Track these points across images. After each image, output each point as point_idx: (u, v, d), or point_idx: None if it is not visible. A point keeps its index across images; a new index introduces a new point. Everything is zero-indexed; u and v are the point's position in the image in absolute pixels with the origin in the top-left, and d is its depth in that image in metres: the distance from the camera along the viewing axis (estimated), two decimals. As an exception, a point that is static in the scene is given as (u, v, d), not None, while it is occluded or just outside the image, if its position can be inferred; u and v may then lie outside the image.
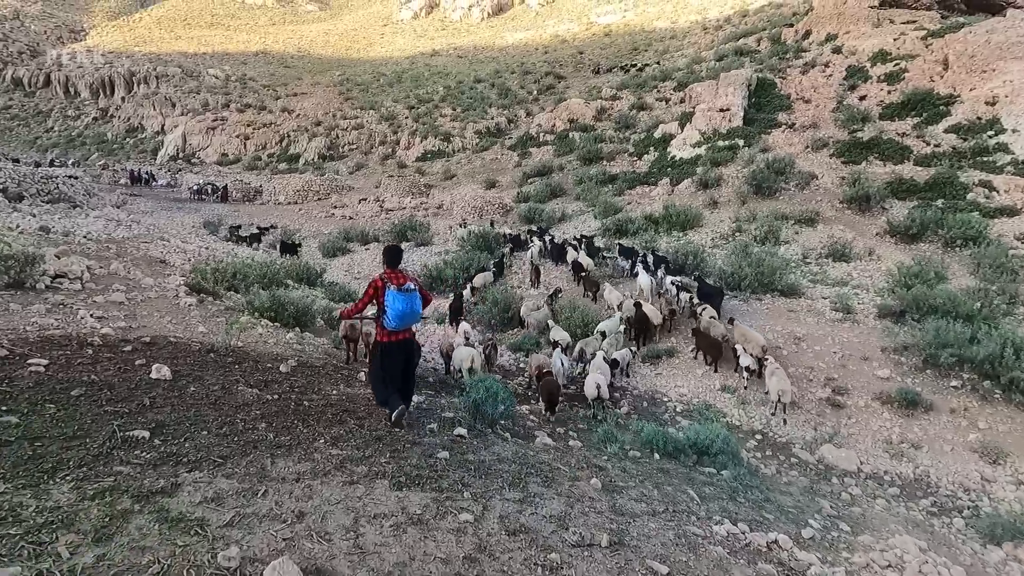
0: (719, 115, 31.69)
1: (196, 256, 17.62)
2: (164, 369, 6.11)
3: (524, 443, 6.64)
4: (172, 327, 8.45)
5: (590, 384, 10.30)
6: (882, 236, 20.05)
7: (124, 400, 5.29)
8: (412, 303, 5.73)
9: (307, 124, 57.32)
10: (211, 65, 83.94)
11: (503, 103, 54.66)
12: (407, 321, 5.83)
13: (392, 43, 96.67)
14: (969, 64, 26.20)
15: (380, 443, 5.44)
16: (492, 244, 21.32)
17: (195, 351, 7.27)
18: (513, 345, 13.83)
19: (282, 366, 7.46)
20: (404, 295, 5.67)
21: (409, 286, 5.75)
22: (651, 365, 12.62)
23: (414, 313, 5.80)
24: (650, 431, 7.80)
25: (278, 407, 5.91)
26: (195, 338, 8.03)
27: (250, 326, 9.77)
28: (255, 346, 8.46)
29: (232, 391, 6.08)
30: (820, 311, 14.59)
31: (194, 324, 8.96)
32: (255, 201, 39.22)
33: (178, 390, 5.81)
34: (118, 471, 3.94)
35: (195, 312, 9.73)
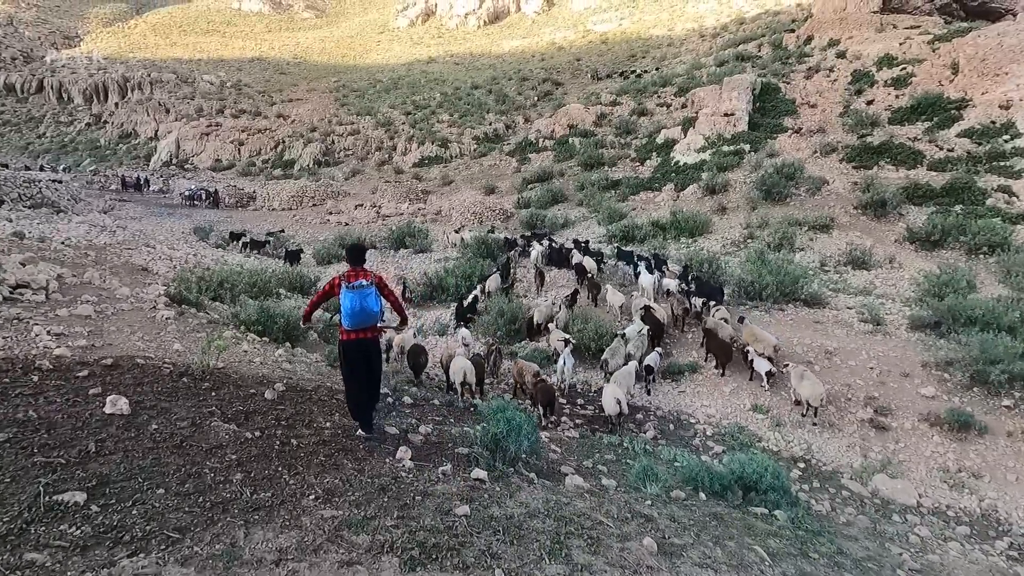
0: (723, 120, 30.83)
1: (183, 263, 16.49)
2: (121, 402, 5.00)
3: (553, 486, 5.56)
4: (142, 345, 7.34)
5: (609, 400, 9.36)
6: (901, 243, 19.14)
7: (64, 446, 4.19)
8: (362, 300, 5.44)
9: (302, 130, 56.17)
10: (206, 71, 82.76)
11: (501, 109, 53.76)
12: (359, 319, 5.52)
13: (388, 50, 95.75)
14: (980, 68, 25.44)
15: (384, 495, 4.36)
16: (494, 250, 20.25)
17: (165, 376, 6.16)
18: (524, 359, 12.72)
19: (267, 392, 6.36)
20: (352, 292, 5.42)
21: (361, 283, 5.47)
22: (673, 382, 11.57)
23: (365, 311, 5.49)
24: (691, 466, 6.73)
25: (259, 448, 4.81)
26: (168, 358, 6.92)
27: (234, 342, 8.66)
28: (238, 367, 7.35)
29: (204, 428, 4.98)
30: (848, 322, 13.61)
31: (169, 341, 7.84)
32: (248, 207, 38.08)
33: (136, 429, 4.71)
34: (29, 561, 2.84)
35: (172, 327, 8.62)
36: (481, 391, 10.61)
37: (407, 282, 17.93)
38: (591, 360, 12.49)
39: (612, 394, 9.37)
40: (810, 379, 10.06)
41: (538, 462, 6.42)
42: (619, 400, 9.40)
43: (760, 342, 11.48)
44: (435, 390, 9.97)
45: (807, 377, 10.12)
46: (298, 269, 18.63)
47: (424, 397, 8.60)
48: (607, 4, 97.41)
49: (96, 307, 8.76)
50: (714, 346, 11.86)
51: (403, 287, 17.46)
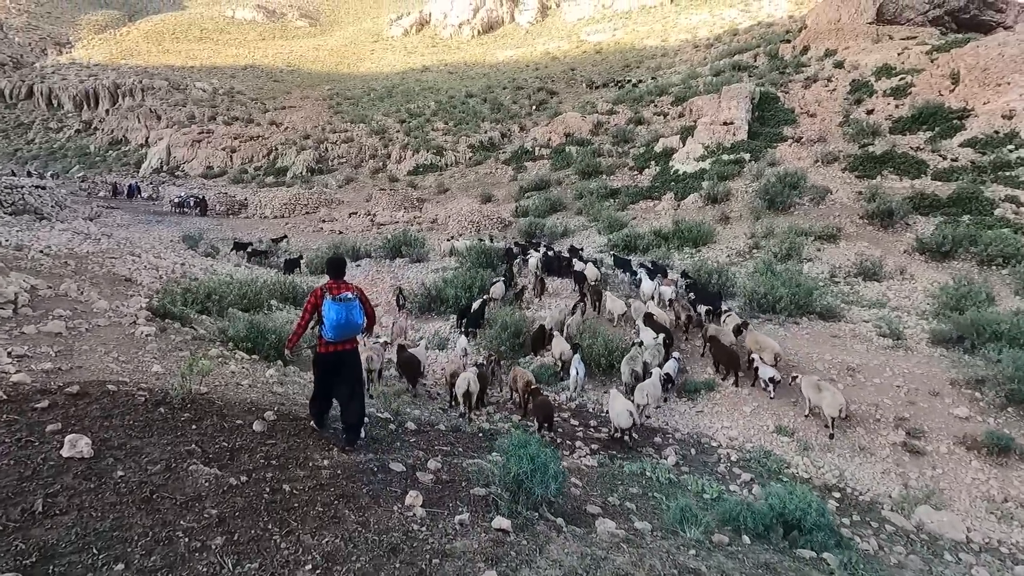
0: (722, 128, 30.40)
1: (169, 273, 15.63)
2: (82, 442, 4.22)
3: (584, 534, 4.82)
4: (116, 368, 6.53)
5: (623, 413, 8.81)
6: (910, 253, 18.62)
7: (3, 503, 3.41)
8: (348, 313, 5.39)
9: (295, 137, 55.37)
10: (199, 78, 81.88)
11: (496, 117, 53.27)
12: (344, 331, 5.44)
13: (382, 59, 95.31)
14: (982, 77, 25.15)
15: (396, 559, 3.62)
16: (494, 259, 19.52)
17: (139, 405, 5.37)
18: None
19: (256, 422, 5.58)
20: (339, 304, 5.35)
21: (347, 295, 5.43)
22: (689, 401, 10.86)
23: (351, 323, 5.44)
24: (730, 505, 6.02)
25: (245, 498, 4.04)
26: (144, 383, 6.13)
27: (220, 362, 7.88)
28: (224, 391, 6.56)
29: (180, 473, 4.20)
30: (866, 337, 12.99)
31: (147, 362, 7.04)
32: (239, 214, 37.16)
33: (97, 477, 3.93)
34: None
35: (152, 345, 7.82)
36: (482, 402, 10.11)
37: (403, 290, 17.30)
38: (601, 377, 11.78)
39: (624, 407, 8.87)
40: (828, 389, 9.60)
41: (562, 501, 5.68)
42: (631, 412, 8.84)
43: (763, 349, 11.08)
44: (438, 412, 9.20)
45: (825, 388, 9.65)
46: (291, 279, 17.81)
47: (428, 421, 7.84)
48: (600, 15, 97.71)
49: (69, 323, 7.95)
50: (721, 355, 11.44)
51: (399, 296, 16.89)
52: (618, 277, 17.57)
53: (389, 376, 10.86)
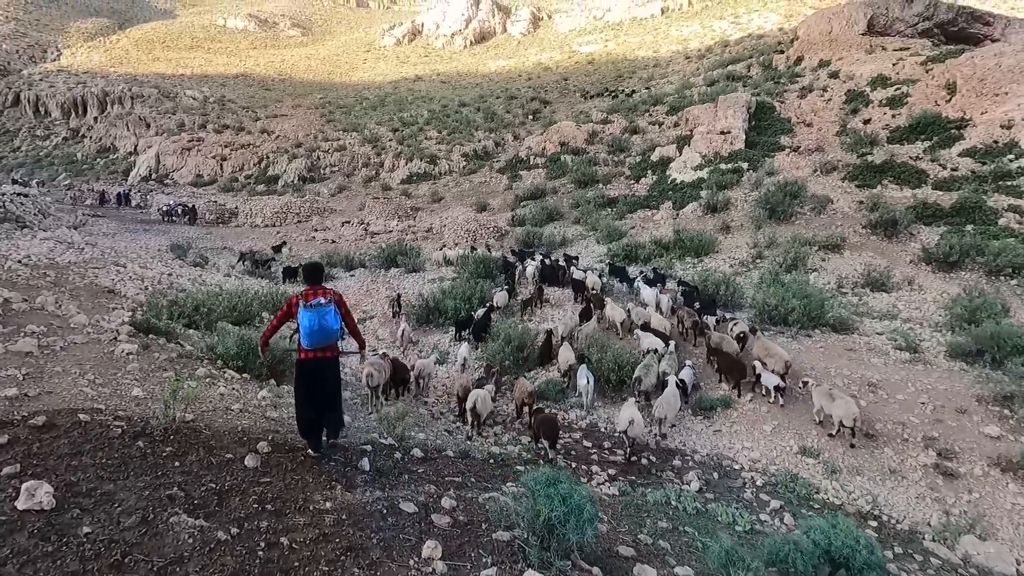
0: (719, 138, 30.11)
1: (155, 284, 14.89)
2: (43, 490, 3.55)
3: (625, 586, 4.22)
4: (92, 392, 5.85)
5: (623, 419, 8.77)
6: (917, 263, 18.22)
7: (-65, 578, 2.75)
8: (321, 319, 5.26)
9: (287, 145, 54.62)
10: (189, 86, 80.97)
11: (490, 126, 52.85)
12: (318, 338, 5.31)
13: (374, 68, 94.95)
14: (979, 87, 25.02)
15: (417, 635, 2.98)
16: (492, 269, 18.92)
17: (115, 438, 4.71)
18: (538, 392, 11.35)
19: (248, 457, 4.93)
20: (311, 311, 5.25)
21: (319, 300, 5.31)
22: (704, 419, 10.28)
23: (324, 330, 5.31)
24: (777, 545, 5.42)
25: (236, 558, 3.40)
26: (123, 409, 5.46)
27: (208, 383, 7.21)
28: (212, 418, 5.90)
29: (158, 527, 3.55)
30: (882, 350, 12.50)
31: (127, 385, 6.36)
32: (230, 223, 36.31)
33: (58, 535, 3.27)
34: None
35: (134, 364, 7.13)
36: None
37: (400, 297, 16.84)
38: (611, 394, 11.19)
39: (627, 415, 8.75)
40: (841, 397, 9.35)
41: (592, 543, 5.05)
42: (632, 420, 8.65)
43: (772, 357, 10.75)
44: (444, 434, 8.55)
45: (838, 396, 9.40)
46: (283, 289, 17.10)
47: (436, 447, 7.19)
48: (592, 26, 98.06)
49: (42, 340, 7.25)
50: (725, 364, 11.16)
51: (397, 304, 16.51)
52: (614, 286, 17.16)
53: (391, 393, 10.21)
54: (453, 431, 8.90)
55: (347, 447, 6.00)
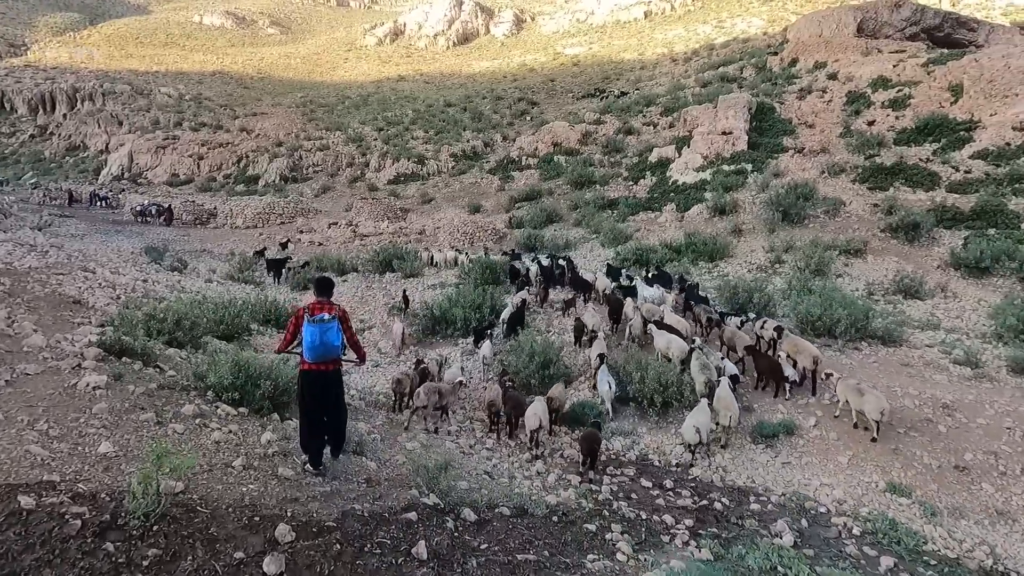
0: (721, 138, 29.10)
1: (128, 292, 13.13)
2: None
3: None
4: (44, 453, 4.27)
5: (689, 428, 8.40)
6: (944, 269, 17.30)
7: None
8: (322, 334, 5.20)
9: (268, 144, 52.37)
10: (164, 84, 77.87)
11: (478, 127, 51.35)
12: (319, 353, 5.25)
13: (356, 68, 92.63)
14: (988, 89, 24.38)
15: None
16: (499, 274, 17.47)
17: (71, 536, 3.17)
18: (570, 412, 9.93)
19: (268, 561, 3.43)
20: (312, 325, 5.20)
21: (323, 316, 5.25)
22: (767, 447, 8.99)
23: (325, 345, 5.25)
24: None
25: None
26: (86, 481, 3.91)
27: (199, 424, 5.65)
28: (208, 484, 4.37)
29: None
30: (940, 365, 11.39)
31: (92, 437, 4.78)
32: (208, 224, 34.27)
33: None
34: None
35: (102, 404, 5.53)
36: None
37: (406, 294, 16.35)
38: (656, 419, 9.83)
39: (692, 423, 8.39)
40: (870, 391, 8.89)
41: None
42: (698, 429, 8.27)
43: (802, 353, 10.34)
44: (484, 476, 7.07)
45: (867, 391, 8.92)
46: (271, 297, 15.42)
47: (487, 503, 5.73)
48: (576, 29, 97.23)
49: (-18, 372, 5.62)
50: (764, 365, 10.47)
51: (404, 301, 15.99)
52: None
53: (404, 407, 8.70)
54: (492, 471, 7.43)
55: (388, 518, 4.51)
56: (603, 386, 9.99)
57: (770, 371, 10.34)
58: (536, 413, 8.48)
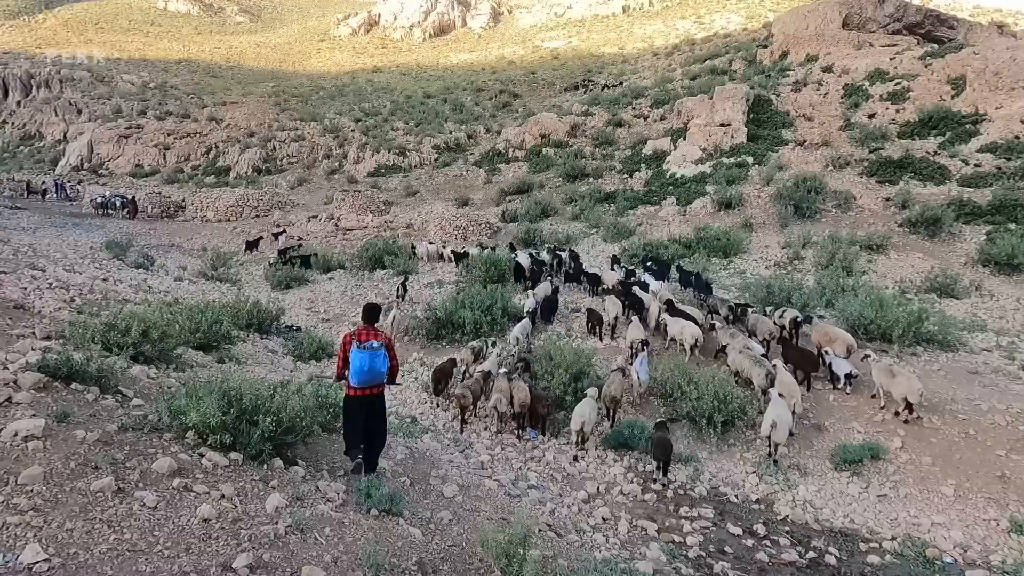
0: (719, 130, 27.97)
1: (85, 294, 11.16)
2: None
3: None
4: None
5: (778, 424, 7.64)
6: (972, 266, 16.34)
7: None
8: (372, 361, 5.25)
9: (239, 135, 49.53)
10: (126, 71, 73.80)
11: (460, 118, 49.51)
12: (366, 379, 5.30)
13: (329, 58, 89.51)
14: (993, 82, 23.70)
15: None
16: (505, 272, 15.85)
17: None
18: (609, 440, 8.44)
19: None
20: (364, 352, 5.24)
21: (372, 343, 5.28)
22: (853, 475, 7.65)
23: (374, 371, 5.30)
24: None
25: None
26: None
27: (179, 489, 3.96)
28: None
29: None
30: (1011, 372, 10.24)
31: (15, 532, 3.07)
32: (176, 217, 31.74)
33: None
34: None
35: (35, 468, 3.78)
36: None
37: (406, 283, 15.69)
38: (716, 440, 8.42)
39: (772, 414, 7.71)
40: (903, 373, 8.65)
41: None
42: (775, 423, 7.63)
43: (835, 341, 9.94)
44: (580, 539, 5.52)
45: (899, 372, 8.68)
46: (254, 298, 13.54)
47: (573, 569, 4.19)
48: (554, 23, 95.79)
49: None
50: (795, 356, 9.87)
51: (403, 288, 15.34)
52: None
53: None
54: (554, 521, 5.87)
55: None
56: (635, 375, 9.46)
57: (801, 361, 9.73)
58: (582, 416, 7.94)
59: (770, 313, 11.92)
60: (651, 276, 15.07)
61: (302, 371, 10.93)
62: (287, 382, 6.74)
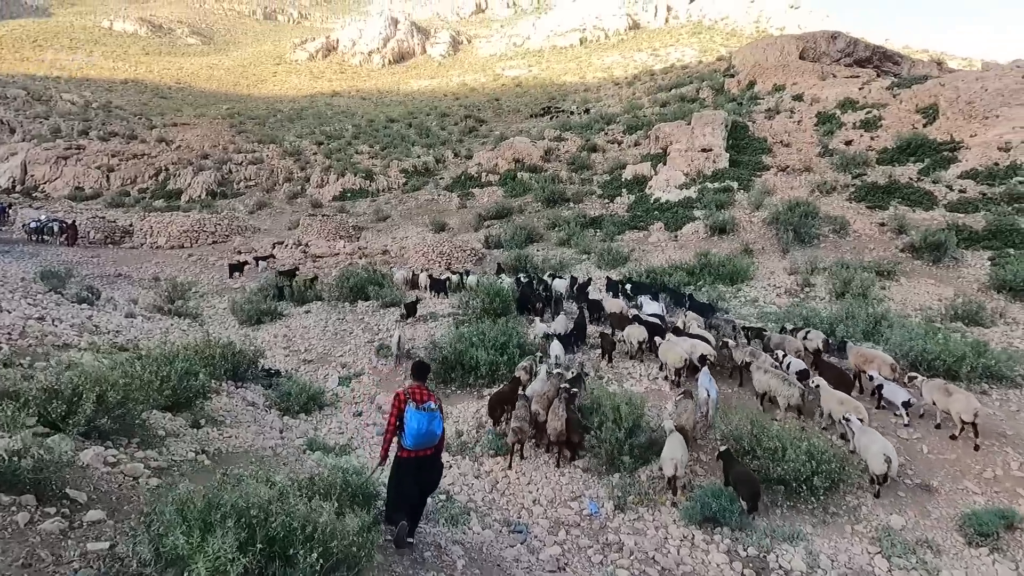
0: (701, 155, 27.46)
1: (14, 338, 8.86)
2: None
3: None
4: None
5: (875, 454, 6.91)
6: (984, 291, 15.79)
7: None
8: (431, 423, 4.89)
9: (191, 156, 46.45)
10: (67, 90, 69.13)
11: (427, 143, 48.05)
12: (422, 441, 4.90)
13: (286, 82, 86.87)
14: (967, 111, 24.02)
15: None
16: (509, 302, 14.17)
17: None
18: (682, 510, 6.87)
19: None
20: (422, 414, 4.85)
21: (430, 405, 4.94)
22: (992, 552, 6.30)
23: (431, 434, 4.93)
24: None
25: None
26: None
27: None
28: None
29: None
30: (1092, 412, 9.27)
31: None
32: (122, 243, 28.69)
33: None
34: None
35: None
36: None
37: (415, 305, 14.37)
38: (817, 508, 6.95)
39: (880, 448, 6.95)
40: (959, 391, 8.17)
41: None
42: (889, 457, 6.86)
43: (873, 362, 9.44)
44: None
45: (954, 390, 8.21)
46: (228, 339, 11.39)
47: None
48: (513, 52, 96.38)
49: None
50: (833, 378, 9.21)
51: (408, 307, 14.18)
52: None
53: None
54: None
55: None
56: (703, 392, 8.67)
57: (839, 382, 9.15)
58: (673, 458, 7.01)
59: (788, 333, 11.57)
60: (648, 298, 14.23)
61: (293, 430, 8.94)
62: (317, 477, 4.88)
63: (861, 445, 7.38)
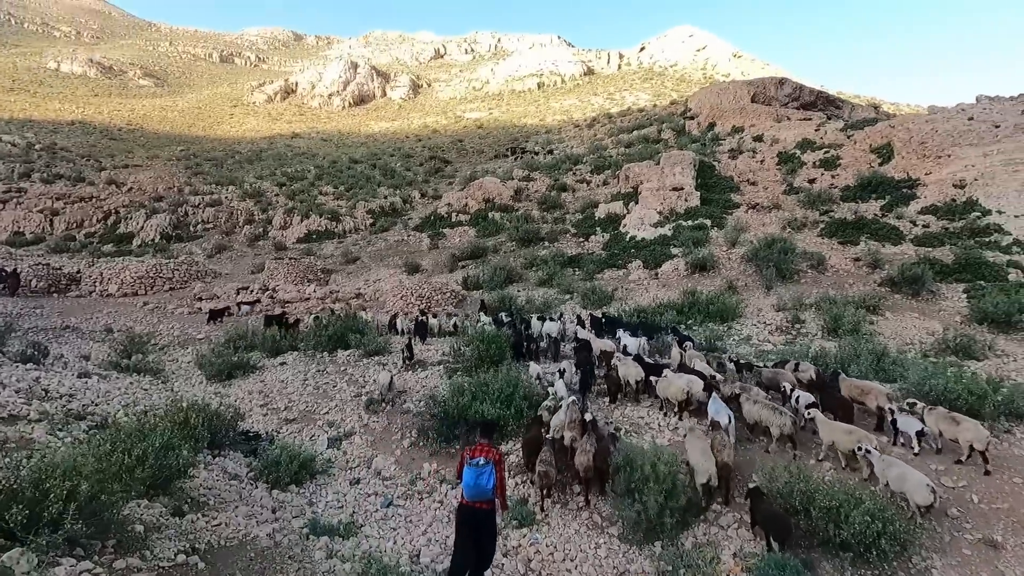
0: (672, 194, 27.72)
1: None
2: None
3: None
4: None
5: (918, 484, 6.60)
6: (967, 324, 15.97)
7: None
8: (477, 477, 5.32)
9: (143, 199, 44.36)
10: (6, 131, 65.66)
11: (392, 183, 47.39)
12: (474, 493, 5.34)
13: (243, 123, 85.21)
14: (920, 150, 25.12)
15: None
16: (504, 346, 13.34)
17: None
18: None
19: None
20: (470, 468, 5.35)
21: (479, 460, 5.36)
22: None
23: (478, 487, 5.34)
24: None
25: None
26: None
27: None
28: None
29: None
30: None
31: None
32: (69, 292, 26.52)
33: None
34: None
35: None
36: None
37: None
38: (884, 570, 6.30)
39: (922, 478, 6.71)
40: (965, 419, 8.01)
41: None
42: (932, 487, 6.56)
43: (869, 393, 9.37)
44: None
45: (961, 418, 8.06)
46: (204, 400, 10.11)
47: None
48: (472, 96, 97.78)
49: None
50: (833, 404, 9.28)
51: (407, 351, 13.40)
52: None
53: None
54: None
55: None
56: (723, 417, 8.31)
57: (842, 410, 9.11)
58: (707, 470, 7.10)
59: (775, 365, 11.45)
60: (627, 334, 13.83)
61: (287, 507, 7.78)
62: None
63: (893, 477, 6.95)
